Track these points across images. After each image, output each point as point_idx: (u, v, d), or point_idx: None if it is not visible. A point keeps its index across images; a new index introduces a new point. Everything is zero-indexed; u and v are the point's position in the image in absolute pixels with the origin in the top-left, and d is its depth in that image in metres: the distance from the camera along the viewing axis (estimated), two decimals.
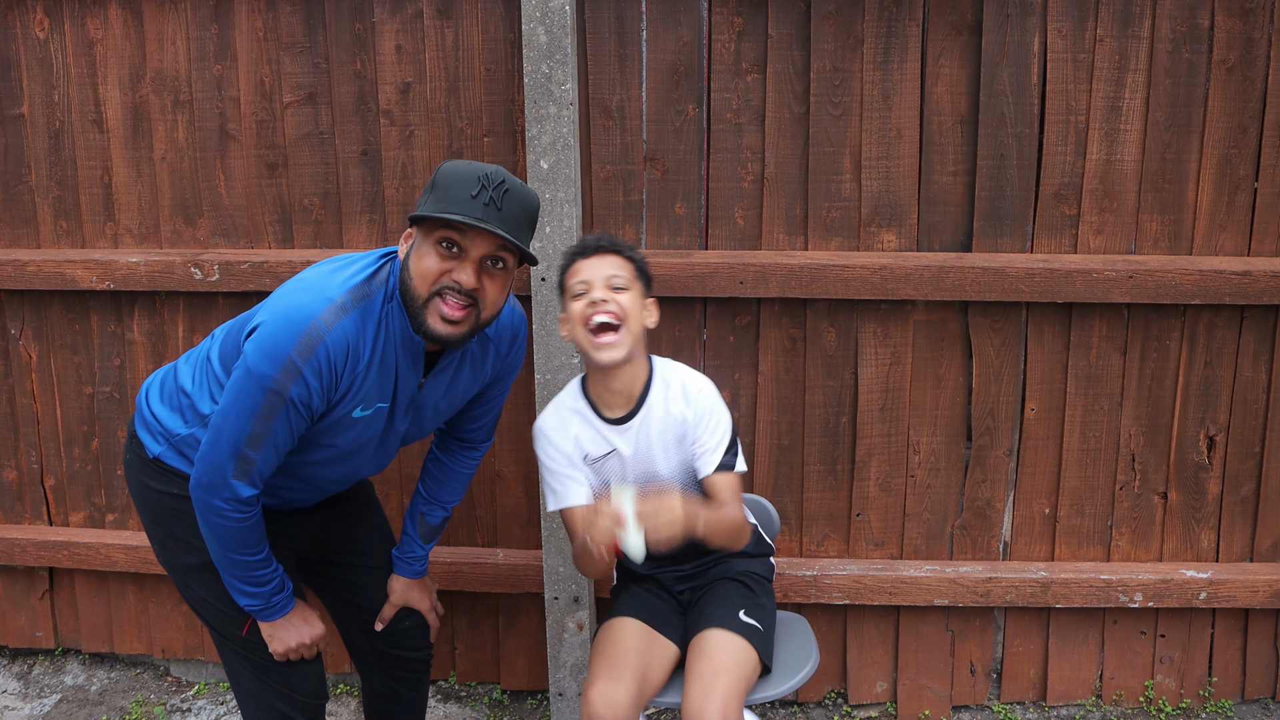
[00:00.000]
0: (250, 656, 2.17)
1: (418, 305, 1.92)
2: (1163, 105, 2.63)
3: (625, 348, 2.14)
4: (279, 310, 1.90)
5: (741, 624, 2.22)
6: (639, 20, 2.65)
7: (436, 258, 1.91)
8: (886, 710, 3.02)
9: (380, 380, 2.00)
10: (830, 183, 2.71)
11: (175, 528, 2.13)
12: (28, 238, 2.99)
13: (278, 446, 1.94)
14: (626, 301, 2.14)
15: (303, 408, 1.91)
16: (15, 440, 3.12)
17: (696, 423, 2.22)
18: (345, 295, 1.92)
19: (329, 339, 1.88)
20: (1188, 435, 2.81)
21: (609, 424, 2.25)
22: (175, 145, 2.86)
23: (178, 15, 2.79)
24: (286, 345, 1.86)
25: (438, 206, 1.88)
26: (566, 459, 2.25)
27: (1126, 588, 2.83)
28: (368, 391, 1.99)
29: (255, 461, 1.93)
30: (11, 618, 3.26)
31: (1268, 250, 2.70)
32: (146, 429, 2.15)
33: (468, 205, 1.88)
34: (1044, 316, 2.75)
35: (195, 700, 3.14)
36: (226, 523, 1.97)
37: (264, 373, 1.87)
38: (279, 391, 1.87)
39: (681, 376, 2.26)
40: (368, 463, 2.17)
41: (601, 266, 2.17)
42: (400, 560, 2.39)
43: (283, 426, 1.92)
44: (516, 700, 3.10)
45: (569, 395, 2.31)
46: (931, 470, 2.85)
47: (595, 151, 2.73)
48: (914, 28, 2.62)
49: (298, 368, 1.86)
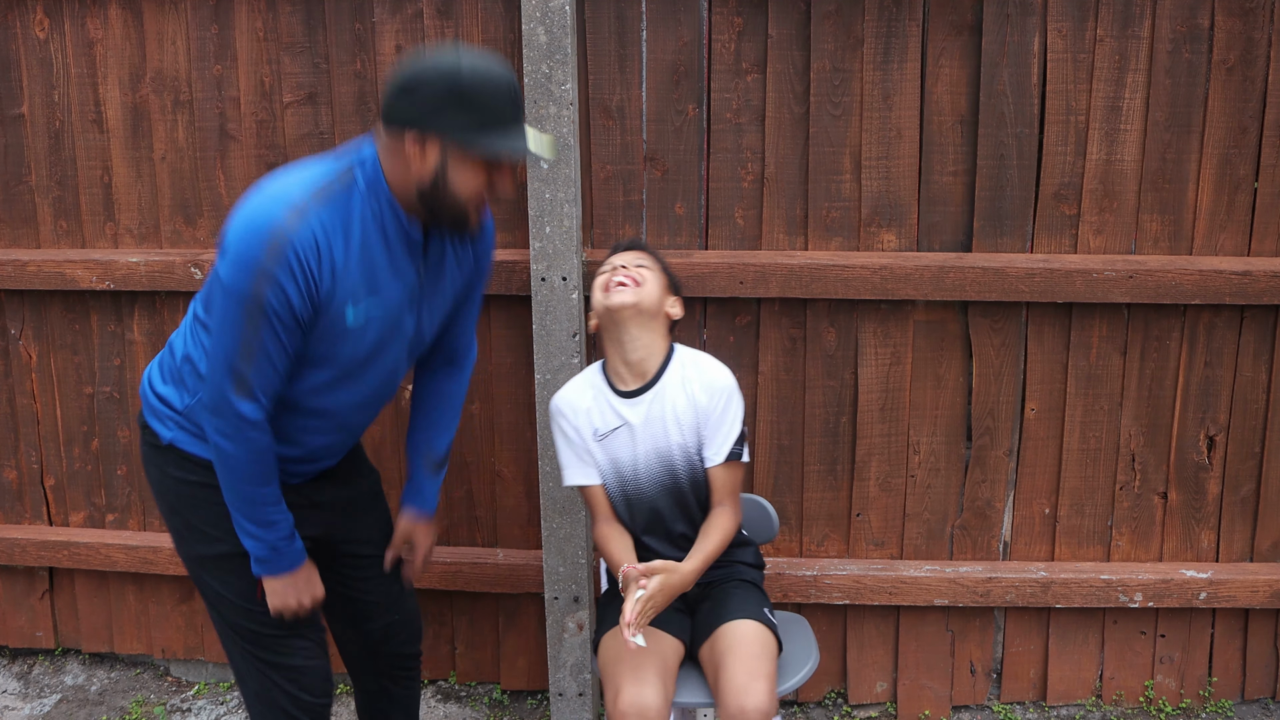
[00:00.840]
0: (260, 656, 2.16)
1: (460, 214, 1.96)
2: (1163, 105, 2.63)
3: (633, 297, 2.24)
4: (243, 222, 1.89)
5: (766, 618, 2.28)
6: (639, 20, 2.65)
7: (484, 173, 1.94)
8: (886, 710, 3.02)
9: (367, 273, 1.97)
10: (830, 183, 2.71)
11: (193, 516, 2.13)
12: (28, 238, 2.99)
13: (271, 359, 1.92)
14: (647, 275, 2.29)
15: (286, 314, 1.89)
16: (15, 440, 3.12)
17: (712, 408, 2.28)
18: (307, 197, 1.90)
19: (296, 240, 1.86)
20: (1188, 435, 2.81)
21: (622, 396, 2.30)
22: (175, 145, 2.86)
23: (178, 15, 2.79)
24: (256, 254, 1.85)
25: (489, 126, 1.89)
26: (577, 433, 2.32)
27: (1126, 588, 2.83)
28: (356, 288, 1.96)
29: (251, 378, 1.92)
30: (11, 618, 3.26)
31: (1268, 250, 2.70)
32: (155, 416, 2.14)
33: (512, 120, 1.92)
34: (1044, 316, 2.75)
35: (195, 700, 3.14)
36: (234, 448, 1.96)
37: (239, 286, 1.86)
38: (257, 301, 1.86)
39: (701, 361, 2.34)
40: (379, 382, 2.13)
41: (629, 257, 2.35)
42: (411, 496, 2.37)
43: (270, 337, 1.90)
44: (516, 700, 3.10)
45: (589, 371, 2.39)
46: (931, 470, 2.85)
47: (595, 151, 2.73)
48: (914, 28, 2.62)
49: (269, 273, 1.85)
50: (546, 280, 2.63)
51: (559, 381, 2.66)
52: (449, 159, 1.91)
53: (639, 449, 2.29)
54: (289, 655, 2.17)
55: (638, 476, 2.30)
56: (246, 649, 2.17)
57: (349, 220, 1.94)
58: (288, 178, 1.95)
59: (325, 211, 1.91)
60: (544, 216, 2.61)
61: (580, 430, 2.32)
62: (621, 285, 2.24)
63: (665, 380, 2.30)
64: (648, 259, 2.35)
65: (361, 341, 2.02)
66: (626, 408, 2.29)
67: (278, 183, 1.94)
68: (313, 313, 1.94)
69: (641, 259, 2.34)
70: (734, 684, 2.09)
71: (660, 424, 2.28)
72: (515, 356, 2.84)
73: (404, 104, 1.90)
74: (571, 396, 2.35)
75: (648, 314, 2.27)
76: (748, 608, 2.27)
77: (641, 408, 2.29)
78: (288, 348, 1.94)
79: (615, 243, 2.50)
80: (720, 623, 2.24)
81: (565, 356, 2.66)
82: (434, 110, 1.88)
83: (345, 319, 1.97)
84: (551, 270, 2.63)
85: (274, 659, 2.16)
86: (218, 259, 1.92)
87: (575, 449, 2.33)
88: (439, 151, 1.90)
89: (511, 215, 2.77)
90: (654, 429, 2.28)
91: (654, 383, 2.29)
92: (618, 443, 2.30)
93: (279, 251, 1.85)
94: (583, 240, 2.69)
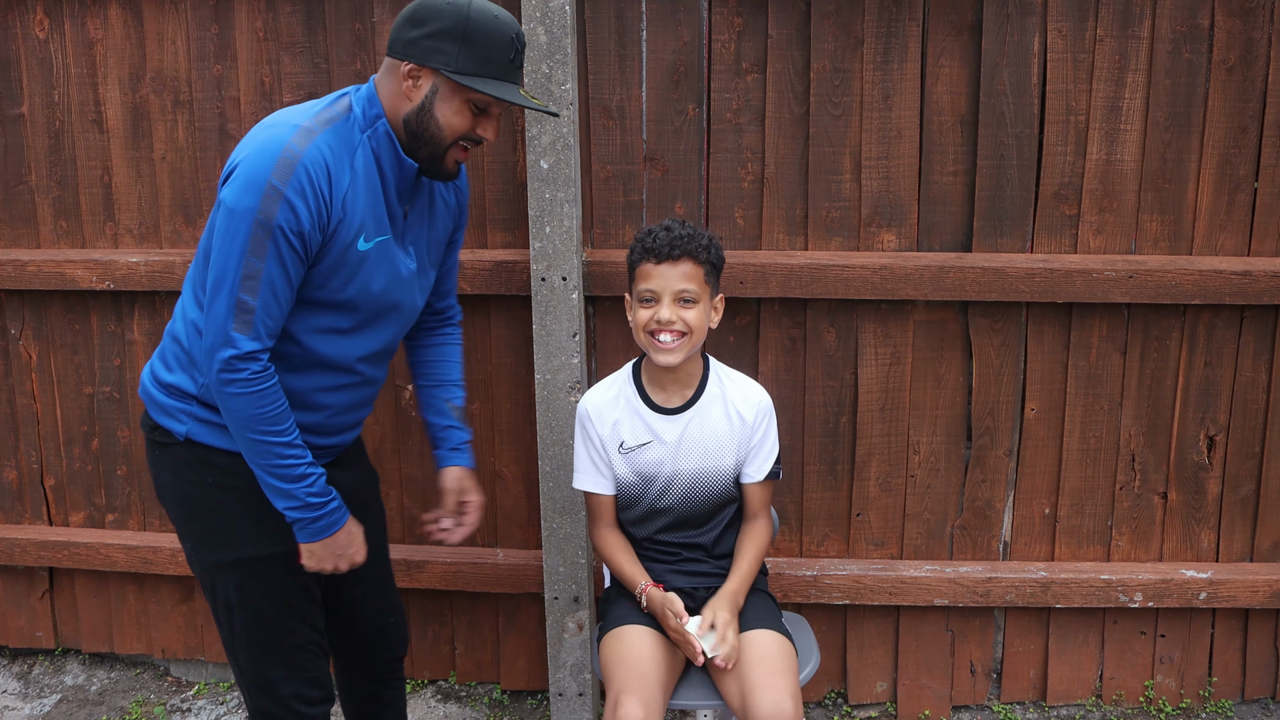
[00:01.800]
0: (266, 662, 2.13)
1: (439, 151, 1.98)
2: (1163, 105, 2.63)
3: (684, 354, 2.19)
4: (249, 149, 1.89)
5: (784, 628, 2.28)
6: (639, 20, 2.65)
7: (468, 115, 1.97)
8: (886, 710, 3.02)
9: (371, 205, 1.98)
10: (830, 183, 2.71)
11: (211, 519, 2.08)
12: (28, 238, 2.99)
13: (275, 289, 1.87)
14: (693, 318, 2.17)
15: (294, 237, 1.86)
16: (15, 440, 3.12)
17: (755, 428, 2.29)
18: (311, 120, 1.92)
19: (305, 158, 1.85)
20: (1188, 435, 2.81)
21: (658, 412, 2.28)
22: (175, 145, 2.86)
23: (178, 15, 2.79)
24: (264, 173, 1.83)
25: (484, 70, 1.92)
26: (601, 443, 2.31)
27: (1126, 588, 2.83)
28: (363, 219, 1.96)
29: (254, 308, 1.86)
30: (11, 618, 3.26)
31: (1268, 250, 2.70)
32: (164, 413, 2.07)
33: (508, 71, 1.95)
34: (1044, 316, 2.75)
35: (195, 700, 3.14)
36: (240, 390, 1.89)
37: (246, 205, 1.83)
38: (265, 221, 1.83)
39: (740, 381, 2.34)
40: (393, 327, 2.11)
41: (672, 277, 2.16)
42: (451, 453, 2.32)
43: (275, 263, 1.85)
44: (516, 700, 3.10)
45: (621, 378, 2.35)
46: (931, 470, 2.85)
47: (595, 151, 2.73)
48: (914, 28, 2.62)
49: (279, 191, 1.82)
50: (547, 280, 2.63)
51: (559, 381, 2.66)
52: (438, 92, 1.95)
53: (669, 466, 2.28)
54: (298, 661, 2.15)
55: (664, 490, 2.30)
56: (256, 656, 2.14)
57: (352, 148, 1.95)
58: (288, 109, 1.97)
59: (330, 135, 1.92)
60: (544, 216, 2.61)
61: (605, 441, 2.31)
62: (667, 345, 2.17)
63: (705, 399, 2.28)
64: (693, 278, 2.16)
65: (375, 274, 2.01)
66: (661, 424, 2.28)
67: (278, 114, 1.97)
68: (320, 239, 1.91)
69: (687, 285, 2.15)
70: (764, 700, 2.07)
71: (698, 444, 2.28)
72: (515, 357, 2.84)
73: (407, 35, 1.94)
74: (601, 404, 2.32)
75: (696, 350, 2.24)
76: (768, 618, 2.27)
77: (678, 427, 2.27)
78: (292, 277, 1.90)
79: (654, 231, 2.20)
80: (743, 630, 2.23)
81: (565, 356, 2.66)
82: (433, 44, 1.91)
83: (358, 245, 1.96)
84: (551, 270, 2.63)
85: (284, 666, 2.14)
86: (221, 190, 1.89)
87: (594, 455, 2.33)
88: (430, 84, 1.94)
89: (511, 215, 2.77)
90: (689, 448, 2.28)
91: (693, 402, 2.28)
92: (645, 458, 2.29)
93: (289, 169, 1.84)
94: (583, 240, 2.69)
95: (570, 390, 2.67)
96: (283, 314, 1.92)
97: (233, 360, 1.88)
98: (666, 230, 2.18)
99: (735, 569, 2.30)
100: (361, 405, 2.19)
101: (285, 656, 2.13)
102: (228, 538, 2.07)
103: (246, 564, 2.08)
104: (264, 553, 2.07)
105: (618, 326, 2.80)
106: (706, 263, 2.19)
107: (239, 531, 2.06)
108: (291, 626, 2.13)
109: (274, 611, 2.11)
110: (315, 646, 2.17)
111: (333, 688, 2.23)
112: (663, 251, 2.16)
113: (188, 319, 2.04)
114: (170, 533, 3.09)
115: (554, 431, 2.70)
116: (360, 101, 1.99)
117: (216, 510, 2.07)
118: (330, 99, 2.01)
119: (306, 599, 2.15)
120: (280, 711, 2.15)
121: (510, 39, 1.95)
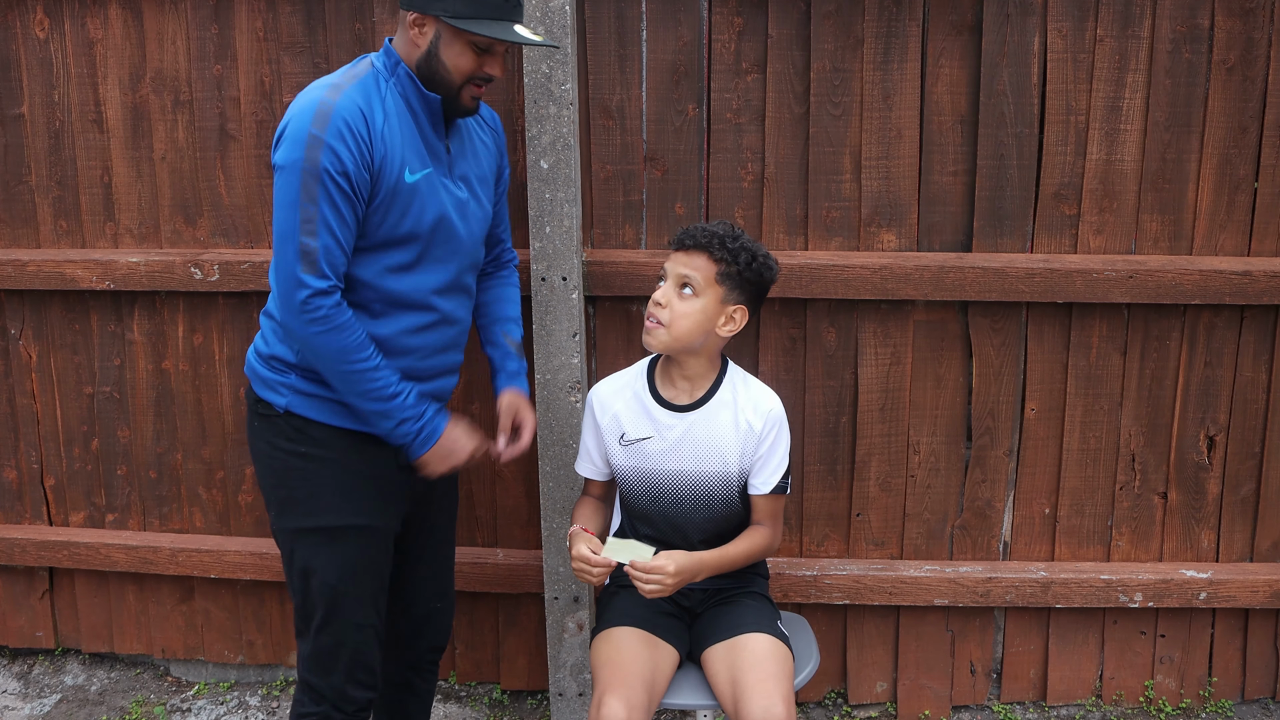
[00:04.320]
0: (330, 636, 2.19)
1: (453, 90, 2.11)
2: (1163, 105, 2.63)
3: (660, 344, 2.20)
4: (289, 116, 2.03)
5: (782, 633, 2.27)
6: (639, 20, 2.66)
7: (472, 55, 2.09)
8: (886, 710, 3.02)
9: (410, 140, 2.10)
10: (830, 183, 2.71)
11: (297, 489, 2.17)
12: (28, 238, 2.99)
13: (332, 229, 1.99)
14: (680, 309, 2.17)
15: (340, 177, 1.98)
16: (15, 440, 3.12)
17: (764, 437, 2.27)
18: (339, 77, 2.08)
19: (339, 105, 2.00)
20: (1188, 435, 2.81)
21: (666, 408, 2.28)
22: (175, 145, 2.86)
23: (178, 15, 2.79)
24: (304, 127, 1.98)
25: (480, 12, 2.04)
26: (601, 431, 2.33)
27: (1126, 588, 2.83)
28: (405, 153, 2.08)
29: (316, 249, 1.99)
30: (11, 618, 3.26)
31: (1268, 250, 2.70)
32: (267, 386, 2.17)
33: (504, 9, 2.07)
34: (1044, 316, 2.75)
35: (195, 700, 3.14)
36: (320, 328, 2.01)
37: (292, 158, 1.98)
38: (310, 168, 1.97)
39: (755, 389, 2.31)
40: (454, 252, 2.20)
41: (681, 263, 2.19)
42: (508, 378, 2.41)
43: (328, 205, 1.98)
44: (516, 700, 3.10)
45: (634, 371, 2.36)
46: (931, 470, 2.85)
47: (595, 151, 2.73)
48: (914, 28, 2.62)
49: (319, 138, 1.97)
50: (547, 280, 2.63)
51: (559, 382, 2.66)
52: (441, 38, 2.08)
53: (668, 464, 2.27)
54: (357, 642, 2.21)
55: (665, 490, 2.29)
56: (321, 627, 2.20)
57: (382, 97, 2.08)
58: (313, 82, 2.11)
59: (358, 87, 2.05)
60: (544, 216, 2.61)
61: (604, 430, 2.33)
62: (650, 325, 2.19)
63: (714, 402, 2.27)
64: (703, 270, 2.16)
65: (429, 205, 2.12)
66: (666, 419, 2.27)
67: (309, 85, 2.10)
68: (367, 178, 2.03)
69: (692, 273, 2.16)
70: (755, 704, 2.06)
71: (698, 445, 2.26)
72: None
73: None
74: (607, 394, 2.34)
75: (684, 349, 2.22)
76: (763, 622, 2.26)
77: (682, 424, 2.27)
78: (347, 216, 2.02)
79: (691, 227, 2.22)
80: (737, 632, 2.23)
81: (565, 356, 2.66)
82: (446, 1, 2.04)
83: (405, 179, 2.07)
84: (551, 270, 2.63)
85: (344, 643, 2.20)
86: (272, 159, 2.03)
87: (597, 443, 2.35)
88: (434, 31, 2.07)
89: (512, 215, 2.77)
90: (691, 448, 2.27)
91: (702, 402, 2.27)
92: (644, 452, 2.28)
93: (326, 118, 1.98)
94: (583, 240, 2.69)
95: (570, 390, 2.67)
96: (345, 253, 2.04)
97: (308, 300, 2.00)
98: (705, 225, 2.22)
99: (719, 549, 2.24)
100: (449, 348, 2.27)
101: (347, 634, 2.20)
102: (311, 505, 2.16)
103: (325, 532, 2.16)
104: (343, 523, 2.16)
105: (618, 326, 2.80)
106: (723, 263, 2.16)
107: (321, 499, 2.16)
108: (359, 605, 2.20)
109: (345, 585, 2.18)
110: (374, 631, 2.24)
111: (379, 681, 2.29)
112: (681, 240, 2.21)
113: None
114: (170, 532, 3.09)
115: (554, 431, 2.70)
116: (379, 58, 2.13)
117: (305, 478, 2.16)
118: (352, 63, 2.15)
119: (376, 578, 2.23)
120: (328, 691, 2.21)
121: None
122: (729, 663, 2.18)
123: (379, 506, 2.21)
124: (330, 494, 2.16)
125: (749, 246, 2.18)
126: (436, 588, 2.46)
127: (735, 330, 2.21)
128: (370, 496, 2.19)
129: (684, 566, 2.13)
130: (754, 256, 2.18)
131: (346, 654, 2.20)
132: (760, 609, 2.32)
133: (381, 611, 2.26)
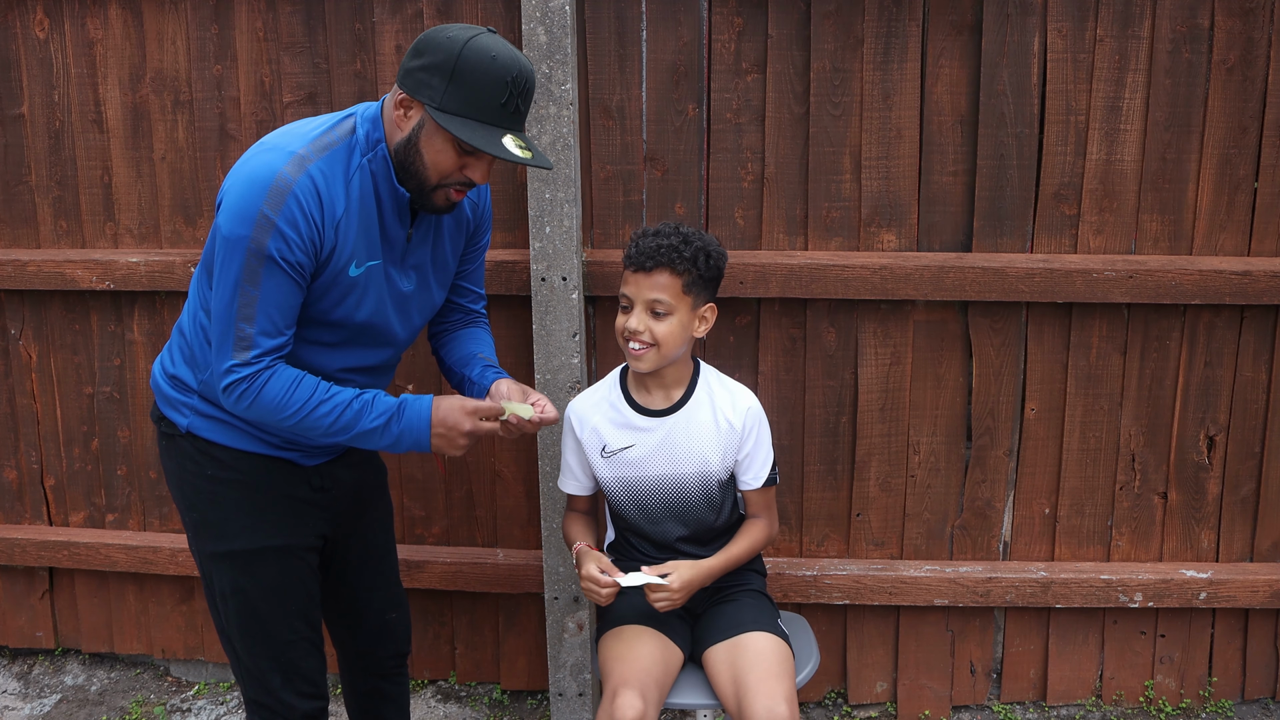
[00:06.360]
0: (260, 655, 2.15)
1: (426, 188, 1.96)
2: (1163, 105, 2.63)
3: (654, 363, 2.19)
4: (242, 175, 1.89)
5: (782, 631, 2.28)
6: (639, 20, 2.65)
7: (453, 155, 1.94)
8: (886, 710, 3.02)
9: (364, 232, 1.97)
10: (830, 183, 2.71)
11: (208, 512, 2.11)
12: (28, 238, 2.99)
13: (270, 310, 1.90)
14: (662, 330, 2.15)
15: (286, 265, 1.87)
16: (15, 440, 3.12)
17: (746, 436, 2.29)
18: (307, 147, 1.91)
19: (296, 188, 1.86)
20: (1188, 435, 2.81)
21: (643, 414, 2.28)
22: (175, 145, 2.86)
23: (178, 15, 2.79)
24: (255, 202, 1.85)
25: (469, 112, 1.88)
26: (581, 447, 2.33)
27: (1126, 588, 2.83)
28: (355, 246, 1.96)
29: (251, 334, 1.90)
30: (11, 618, 3.26)
31: (1268, 250, 2.70)
32: (170, 405, 2.11)
33: (499, 115, 1.90)
34: (1044, 316, 2.75)
35: (195, 700, 3.14)
36: (249, 400, 1.93)
37: (239, 235, 1.85)
38: (258, 251, 1.85)
39: (730, 387, 2.33)
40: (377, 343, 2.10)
41: (645, 287, 2.15)
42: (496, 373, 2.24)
43: (271, 288, 1.88)
44: (516, 700, 3.10)
45: (607, 382, 2.36)
46: (931, 470, 2.85)
47: (595, 151, 2.73)
48: (914, 28, 2.62)
49: (271, 221, 1.84)
50: (547, 280, 2.63)
51: (559, 382, 2.66)
52: (424, 128, 1.93)
53: (652, 469, 2.28)
54: (289, 656, 2.16)
55: (650, 494, 2.30)
56: (247, 648, 2.16)
57: (349, 179, 1.95)
58: (289, 130, 1.96)
59: (325, 162, 1.92)
60: (544, 216, 2.61)
61: (585, 445, 2.32)
62: (636, 352, 2.18)
63: (692, 404, 2.28)
64: (669, 289, 2.14)
65: (365, 299, 2.01)
66: (644, 425, 2.28)
67: (278, 135, 1.96)
68: (314, 264, 1.93)
69: (660, 295, 2.14)
70: (758, 704, 2.06)
71: (681, 448, 2.27)
72: (515, 356, 2.84)
73: (408, 64, 1.93)
74: (583, 408, 2.34)
75: (672, 362, 2.23)
76: (764, 620, 2.27)
77: (661, 429, 2.27)
78: (290, 296, 1.92)
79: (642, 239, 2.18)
80: (738, 632, 2.23)
81: (565, 356, 2.66)
82: (425, 77, 1.90)
83: (349, 272, 1.97)
84: (551, 270, 2.63)
85: (274, 659, 2.15)
86: (217, 214, 1.91)
87: (578, 459, 2.36)
88: (419, 118, 1.93)
89: (511, 215, 2.77)
90: (672, 452, 2.27)
91: (680, 405, 2.28)
92: (626, 461, 2.29)
93: (280, 199, 1.85)
94: (583, 240, 2.69)
95: (570, 390, 2.67)
96: (287, 321, 1.94)
97: (233, 384, 1.93)
98: (654, 236, 2.17)
99: (720, 551, 2.28)
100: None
101: (277, 650, 2.15)
102: (223, 529, 2.10)
103: (240, 556, 2.10)
104: (258, 545, 2.10)
105: None
106: (687, 274, 2.15)
107: (234, 523, 2.09)
108: (284, 621, 2.14)
109: (266, 605, 2.12)
110: (308, 643, 2.18)
111: (326, 686, 2.24)
112: (639, 261, 2.16)
113: (194, 317, 2.07)
114: (170, 532, 3.09)
115: (554, 432, 2.70)
116: (365, 123, 1.98)
117: (214, 502, 2.10)
118: (334, 120, 1.99)
119: (301, 594, 2.16)
120: (272, 703, 2.17)
121: (505, 82, 1.89)
122: (730, 662, 2.18)
123: (291, 526, 2.13)
124: (242, 516, 2.08)
125: (701, 246, 2.17)
126: (385, 599, 2.39)
127: (709, 327, 2.24)
128: (282, 516, 2.11)
129: (690, 581, 2.18)
130: (708, 255, 2.18)
131: (279, 668, 2.15)
132: (760, 607, 2.32)
133: (314, 622, 2.19)
